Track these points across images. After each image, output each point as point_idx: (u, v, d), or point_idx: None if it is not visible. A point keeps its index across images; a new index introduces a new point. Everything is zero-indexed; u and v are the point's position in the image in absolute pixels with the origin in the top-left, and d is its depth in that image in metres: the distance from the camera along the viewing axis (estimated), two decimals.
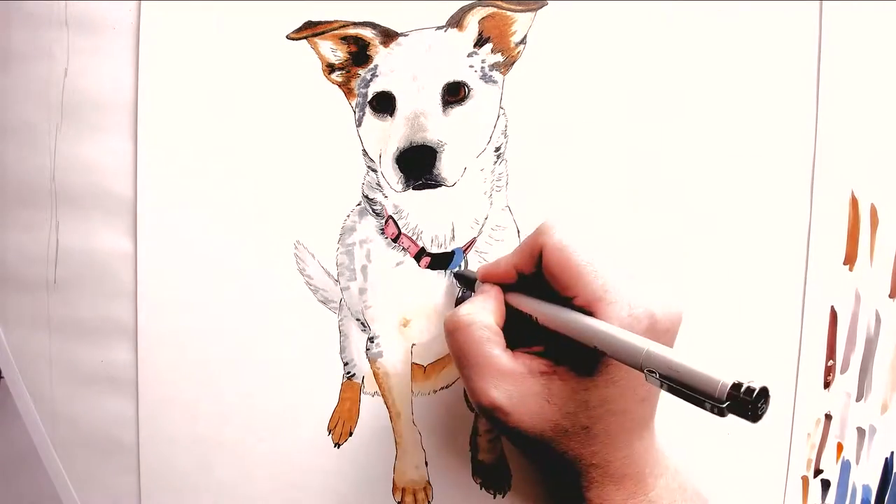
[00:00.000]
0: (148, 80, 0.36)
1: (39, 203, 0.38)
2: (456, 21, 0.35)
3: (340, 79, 0.36)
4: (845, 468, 0.42)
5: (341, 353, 0.38)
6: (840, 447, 0.41)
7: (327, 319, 0.37)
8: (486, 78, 0.36)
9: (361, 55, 0.36)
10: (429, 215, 0.37)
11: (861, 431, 0.42)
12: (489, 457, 0.38)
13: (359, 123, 0.36)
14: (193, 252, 0.37)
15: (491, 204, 0.37)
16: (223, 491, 0.38)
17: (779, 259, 0.37)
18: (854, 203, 0.39)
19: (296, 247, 0.37)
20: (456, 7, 0.35)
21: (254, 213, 0.37)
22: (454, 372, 0.38)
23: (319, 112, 0.36)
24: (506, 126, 0.36)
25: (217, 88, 0.36)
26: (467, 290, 0.36)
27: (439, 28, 0.36)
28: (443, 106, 0.35)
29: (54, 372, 0.39)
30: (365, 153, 0.36)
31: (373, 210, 0.37)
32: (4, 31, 0.37)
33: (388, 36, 0.36)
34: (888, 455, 0.44)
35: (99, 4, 0.36)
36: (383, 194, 0.37)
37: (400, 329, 0.38)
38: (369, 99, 0.36)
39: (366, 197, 0.37)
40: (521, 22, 0.36)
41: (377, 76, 0.36)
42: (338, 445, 0.38)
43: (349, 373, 0.38)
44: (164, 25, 0.36)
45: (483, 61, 0.36)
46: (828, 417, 0.40)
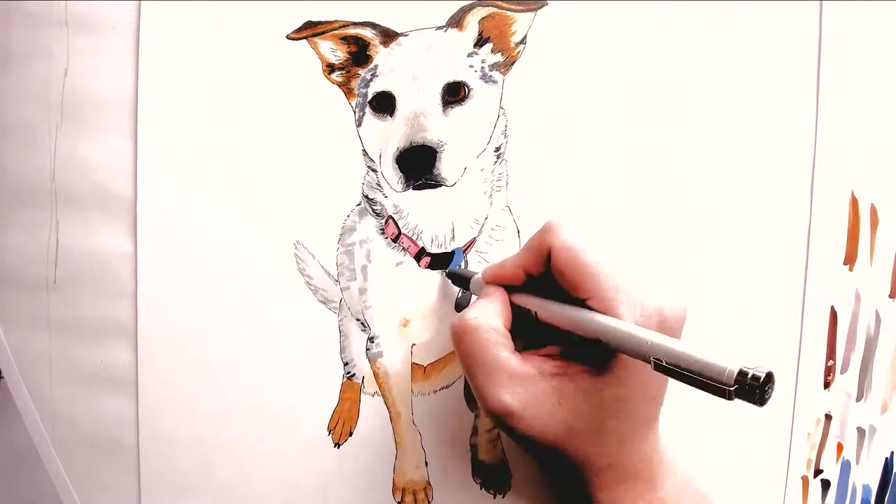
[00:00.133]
0: (148, 80, 0.36)
1: (39, 203, 0.38)
2: (456, 21, 0.35)
3: (340, 79, 0.36)
4: (845, 468, 0.42)
5: (341, 353, 0.38)
6: (840, 447, 0.41)
7: (327, 319, 0.37)
8: (486, 78, 0.36)
9: (361, 55, 0.36)
10: (429, 215, 0.37)
11: (861, 431, 0.42)
12: (489, 457, 0.38)
13: (359, 123, 0.36)
14: (193, 252, 0.37)
15: (491, 204, 0.37)
16: (223, 491, 0.38)
17: (779, 259, 0.37)
18: (854, 203, 0.39)
19: (296, 247, 0.37)
20: (456, 7, 0.35)
21: (254, 213, 0.37)
22: (454, 372, 0.38)
23: (319, 112, 0.36)
24: (506, 126, 0.36)
25: (217, 88, 0.36)
26: (464, 290, 0.36)
27: (439, 28, 0.36)
28: (443, 106, 0.35)
29: (54, 372, 0.39)
30: (365, 153, 0.36)
31: (373, 210, 0.37)
32: (4, 31, 0.37)
33: (388, 36, 0.36)
34: (888, 455, 0.44)
35: (99, 4, 0.36)
36: (383, 194, 0.37)
37: (400, 329, 0.38)
38: (369, 99, 0.36)
39: (366, 197, 0.37)
40: (521, 22, 0.36)
41: (377, 76, 0.36)
42: (338, 445, 0.38)
43: (349, 373, 0.38)
44: (164, 25, 0.36)
45: (483, 61, 0.36)
46: (828, 417, 0.40)
